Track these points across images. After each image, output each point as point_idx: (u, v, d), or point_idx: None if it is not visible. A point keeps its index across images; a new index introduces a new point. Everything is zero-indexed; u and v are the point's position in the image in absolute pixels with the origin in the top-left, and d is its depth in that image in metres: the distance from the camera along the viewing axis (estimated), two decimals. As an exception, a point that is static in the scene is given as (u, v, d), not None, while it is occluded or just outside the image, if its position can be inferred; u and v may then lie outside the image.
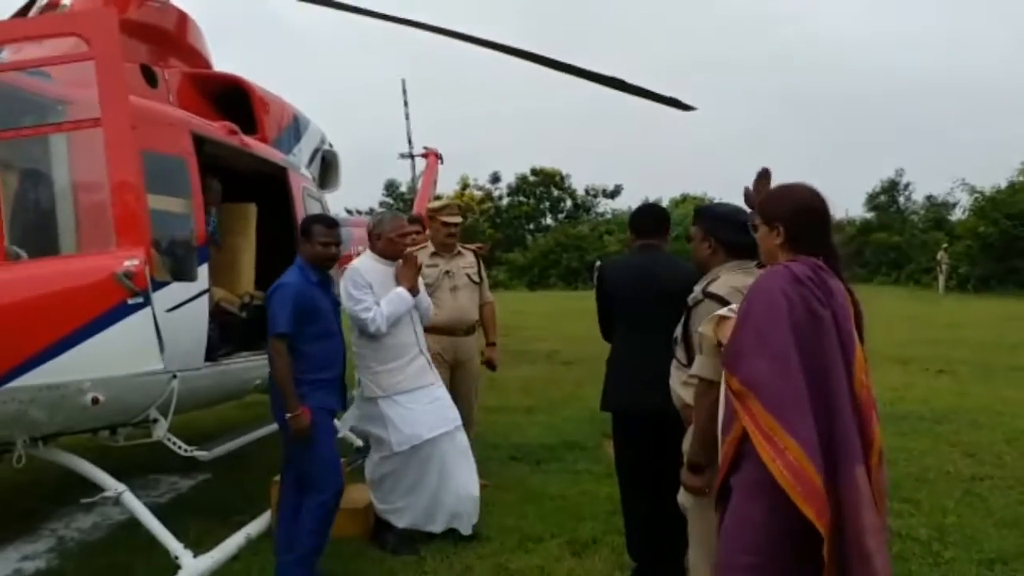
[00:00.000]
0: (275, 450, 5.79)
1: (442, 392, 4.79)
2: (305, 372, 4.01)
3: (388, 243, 4.66)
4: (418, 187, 16.72)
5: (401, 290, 4.56)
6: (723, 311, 2.85)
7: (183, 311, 4.60)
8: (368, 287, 4.51)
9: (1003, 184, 30.73)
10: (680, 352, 3.29)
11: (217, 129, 5.46)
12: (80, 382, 3.66)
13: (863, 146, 75.87)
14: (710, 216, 3.43)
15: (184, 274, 4.66)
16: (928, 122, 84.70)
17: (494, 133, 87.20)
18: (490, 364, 5.87)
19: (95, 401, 3.78)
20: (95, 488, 4.15)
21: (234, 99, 6.39)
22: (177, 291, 4.54)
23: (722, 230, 3.32)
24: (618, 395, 3.98)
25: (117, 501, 4.12)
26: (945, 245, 30.90)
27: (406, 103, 17.77)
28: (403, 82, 18.00)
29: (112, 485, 4.11)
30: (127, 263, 3.66)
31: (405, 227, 4.78)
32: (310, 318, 4.04)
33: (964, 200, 33.53)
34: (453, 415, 4.73)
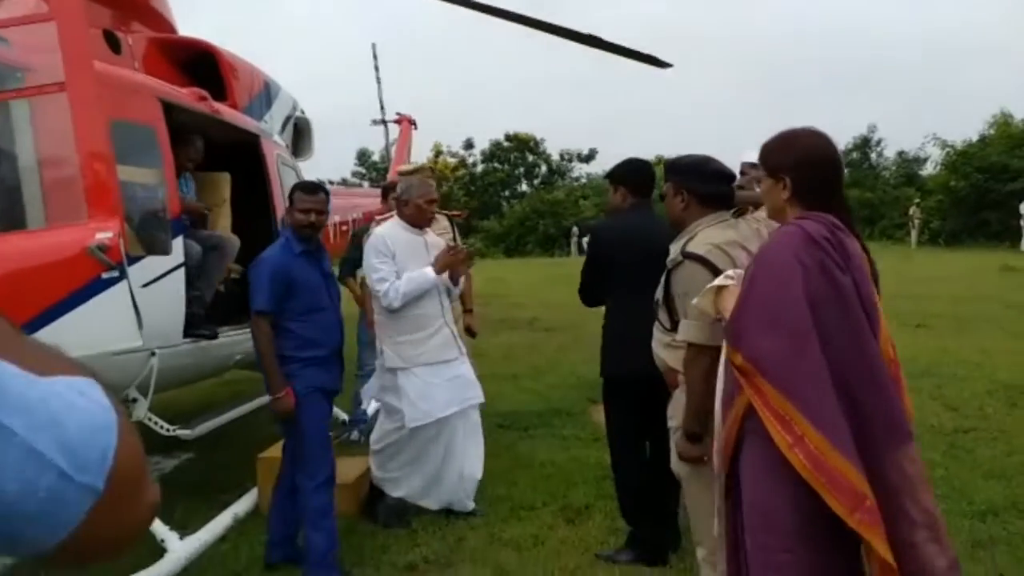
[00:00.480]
0: (259, 427, 5.75)
1: (465, 368, 4.58)
2: (294, 350, 3.86)
3: (416, 209, 4.45)
4: (392, 154, 16.53)
5: (428, 271, 4.34)
6: (720, 280, 2.61)
7: (159, 286, 4.44)
8: (390, 256, 4.33)
9: (974, 138, 30.97)
10: (663, 315, 3.22)
11: (186, 95, 5.26)
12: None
13: (835, 104, 76.06)
14: (680, 168, 3.34)
15: (158, 247, 4.50)
16: (900, 76, 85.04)
17: (467, 99, 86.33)
18: (469, 331, 5.78)
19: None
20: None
21: (202, 65, 6.16)
22: (152, 265, 4.39)
23: (693, 181, 3.23)
24: (619, 359, 3.90)
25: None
26: (917, 200, 31.16)
27: (377, 68, 17.45)
28: (373, 46, 17.65)
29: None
30: (100, 236, 3.50)
31: (433, 192, 4.55)
32: (294, 292, 3.88)
33: (936, 155, 33.69)
34: (472, 393, 4.57)
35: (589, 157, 47.90)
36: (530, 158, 47.52)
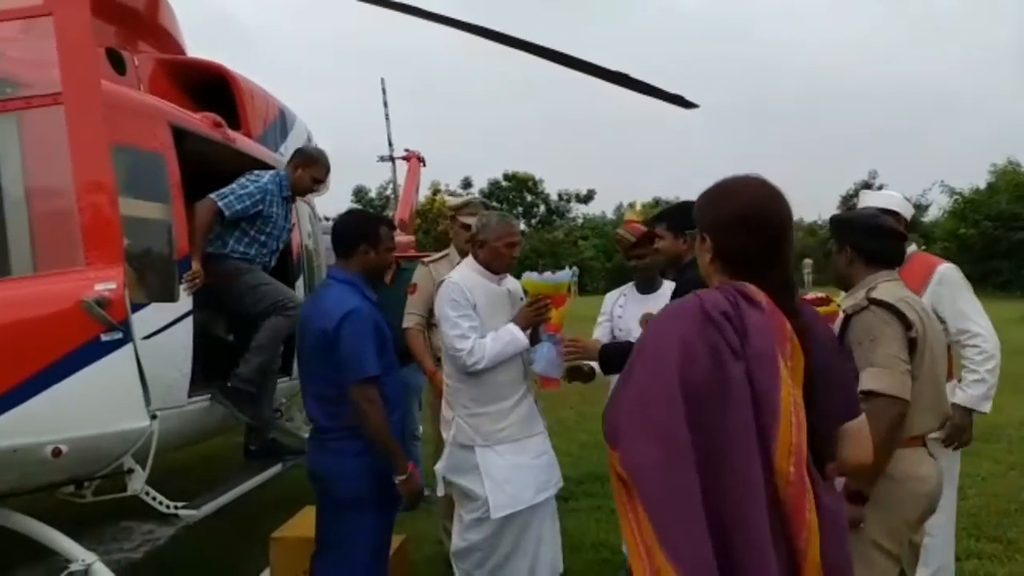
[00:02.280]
0: (271, 493, 5.06)
1: (548, 445, 3.86)
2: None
3: (492, 253, 3.70)
4: (399, 192, 16.00)
5: (516, 330, 3.57)
6: None
7: (163, 338, 3.81)
8: (471, 307, 3.60)
9: (981, 185, 30.81)
10: None
11: (199, 121, 4.67)
12: (39, 444, 2.87)
13: (836, 149, 76.54)
14: (845, 224, 3.11)
15: (164, 293, 3.88)
16: (900, 124, 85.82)
17: (465, 138, 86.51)
18: None
19: (56, 453, 3.01)
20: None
21: (213, 90, 5.57)
22: (156, 314, 3.76)
23: (859, 237, 2.97)
24: None
25: (86, 574, 3.34)
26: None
27: (385, 103, 17.07)
28: (382, 81, 17.32)
29: (79, 555, 3.34)
30: (100, 287, 2.89)
31: (514, 234, 3.77)
32: (382, 349, 3.21)
33: (943, 201, 33.58)
34: (558, 476, 3.84)
35: (588, 198, 47.74)
36: (528, 198, 47.23)
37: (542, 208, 47.54)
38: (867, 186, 42.04)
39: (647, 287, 4.35)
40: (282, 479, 4.92)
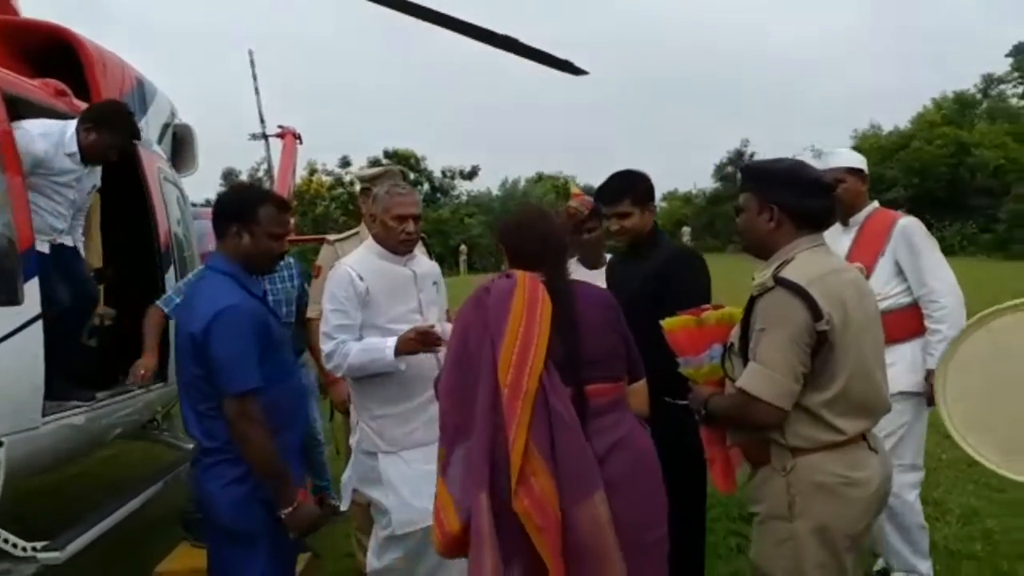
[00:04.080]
0: (155, 511, 4.44)
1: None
2: None
3: (382, 228, 3.25)
4: (274, 173, 15.10)
5: (388, 351, 3.04)
6: None
7: (6, 348, 3.17)
8: (354, 302, 3.12)
9: (849, 147, 32.22)
10: (738, 365, 2.36)
11: (38, 89, 3.96)
12: None
13: (707, 120, 78.99)
14: (768, 176, 2.46)
15: (4, 296, 3.23)
16: (767, 93, 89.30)
17: (343, 116, 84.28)
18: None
19: None
20: None
21: (58, 56, 4.82)
22: (-6, 321, 3.12)
23: (788, 194, 2.36)
24: None
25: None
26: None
27: (255, 76, 16.03)
28: (250, 53, 16.26)
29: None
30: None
31: (403, 204, 3.22)
32: (270, 351, 2.67)
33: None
34: None
35: (472, 174, 47.33)
36: (412, 175, 46.36)
37: (426, 186, 46.79)
38: (740, 155, 43.47)
39: (594, 262, 4.02)
40: (168, 496, 4.30)
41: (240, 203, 2.79)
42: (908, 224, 3.61)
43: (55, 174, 3.79)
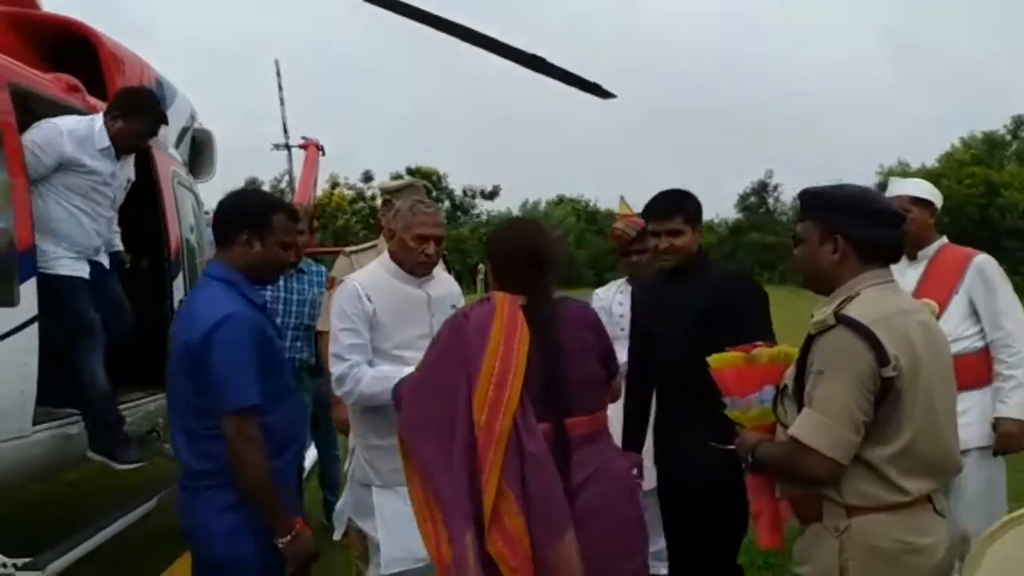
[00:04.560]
0: (149, 527, 4.24)
1: None
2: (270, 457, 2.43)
3: (399, 246, 3.01)
4: (296, 184, 15.05)
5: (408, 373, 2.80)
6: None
7: (-2, 351, 3.03)
8: (364, 320, 2.92)
9: (871, 186, 31.99)
10: (791, 411, 2.14)
11: (50, 83, 3.84)
12: None
13: (732, 150, 79.01)
14: (833, 204, 2.21)
15: (-2, 296, 3.09)
16: (792, 126, 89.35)
17: (366, 130, 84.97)
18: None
19: None
20: None
21: (76, 53, 4.71)
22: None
23: (855, 224, 2.13)
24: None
25: None
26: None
27: (280, 87, 16.08)
28: (276, 63, 16.36)
29: None
30: None
31: (425, 224, 2.99)
32: (271, 367, 2.46)
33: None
34: None
35: (493, 194, 47.41)
36: (433, 193, 46.48)
37: (447, 204, 46.87)
38: (764, 185, 43.27)
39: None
40: (162, 509, 4.10)
41: (252, 209, 2.59)
42: (984, 261, 3.38)
43: (89, 172, 3.64)
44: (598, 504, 2.30)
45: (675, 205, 3.07)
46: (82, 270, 3.64)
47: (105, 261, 3.89)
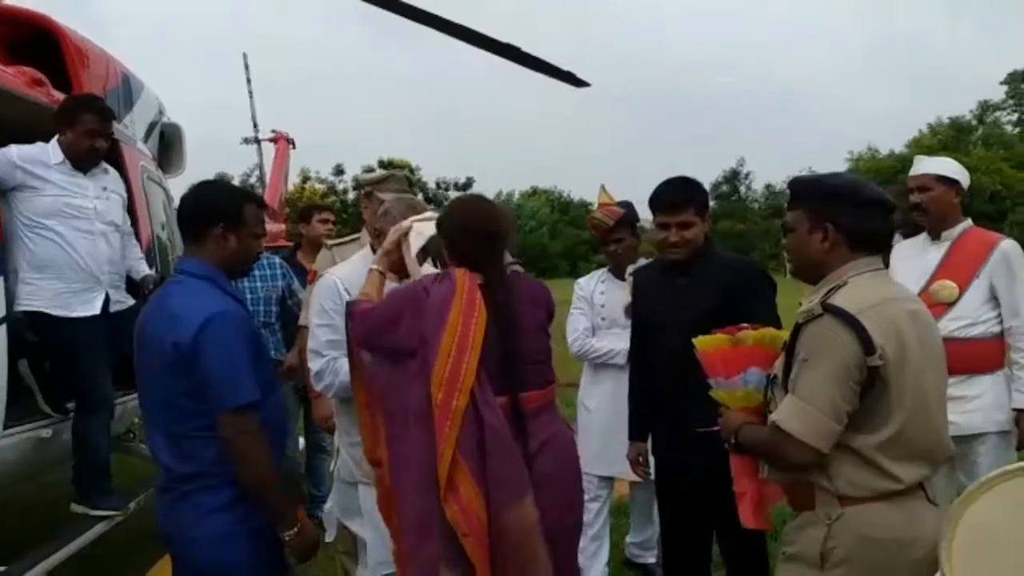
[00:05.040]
0: (126, 531, 4.15)
1: None
2: None
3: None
4: (266, 178, 14.88)
5: None
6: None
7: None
8: (341, 314, 2.81)
9: (844, 170, 32.31)
10: (780, 397, 2.14)
11: (11, 77, 3.72)
12: None
13: (703, 139, 79.33)
14: (823, 192, 2.20)
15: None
16: (762, 116, 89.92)
17: (336, 123, 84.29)
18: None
19: None
20: None
21: (38, 48, 4.58)
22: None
23: (845, 212, 2.12)
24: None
25: None
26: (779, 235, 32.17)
27: (249, 80, 15.83)
28: (244, 56, 16.08)
29: None
30: None
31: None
32: (258, 362, 2.41)
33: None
34: None
35: (466, 186, 47.23)
36: (413, 184, 46.24)
37: (420, 196, 46.60)
38: (735, 174, 43.49)
39: (625, 273, 3.83)
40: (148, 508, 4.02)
41: (224, 203, 2.51)
42: (1010, 247, 3.33)
43: (50, 185, 3.49)
44: (552, 469, 2.48)
45: (687, 196, 2.99)
46: (85, 307, 3.50)
47: (120, 301, 3.71)
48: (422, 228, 2.74)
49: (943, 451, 2.11)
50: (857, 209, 2.11)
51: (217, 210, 2.46)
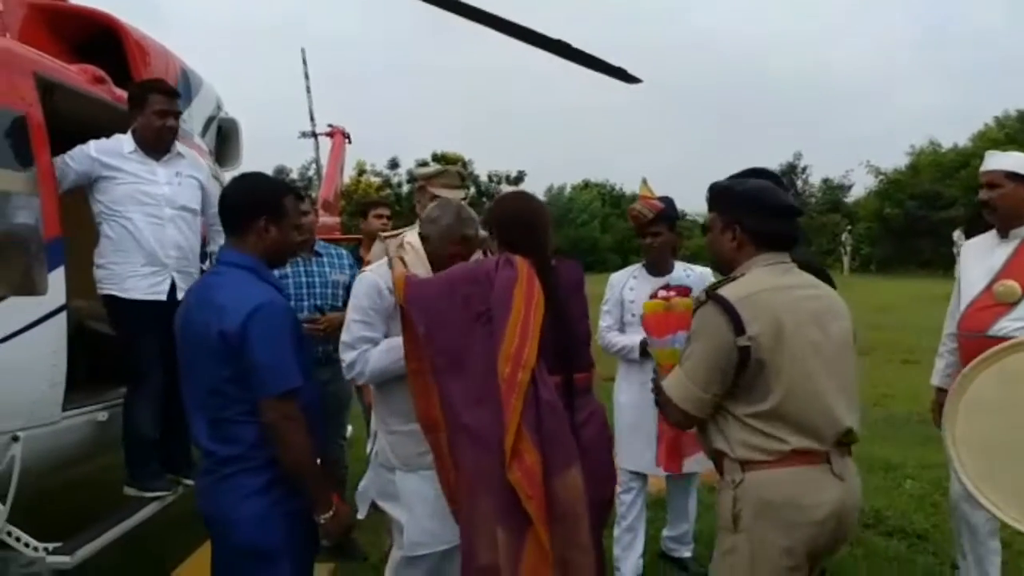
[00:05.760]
0: (175, 508, 4.29)
1: None
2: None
3: (432, 255, 3.00)
4: (323, 171, 15.11)
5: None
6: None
7: (27, 339, 3.07)
8: (381, 315, 2.93)
9: (902, 166, 31.42)
10: None
11: (75, 74, 3.86)
12: None
13: (761, 133, 78.08)
14: (732, 198, 2.49)
15: (25, 284, 3.12)
16: (820, 110, 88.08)
17: (391, 118, 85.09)
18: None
19: None
20: None
21: (102, 45, 4.74)
22: (13, 311, 3.02)
23: (751, 216, 2.42)
24: None
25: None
26: (849, 227, 31.36)
27: (307, 75, 16.12)
28: (303, 51, 16.39)
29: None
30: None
31: (459, 242, 2.96)
32: (300, 350, 2.51)
33: (866, 182, 34.23)
34: None
35: (518, 179, 47.24)
36: (466, 179, 46.44)
37: (472, 190, 46.82)
38: (792, 168, 42.63)
39: (659, 269, 3.87)
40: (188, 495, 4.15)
41: (266, 196, 2.59)
42: None
43: (124, 174, 3.62)
44: (594, 439, 2.75)
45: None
46: (150, 291, 3.59)
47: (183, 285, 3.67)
48: (412, 239, 3.01)
49: (832, 428, 2.26)
50: (762, 213, 2.40)
51: (260, 203, 2.55)
